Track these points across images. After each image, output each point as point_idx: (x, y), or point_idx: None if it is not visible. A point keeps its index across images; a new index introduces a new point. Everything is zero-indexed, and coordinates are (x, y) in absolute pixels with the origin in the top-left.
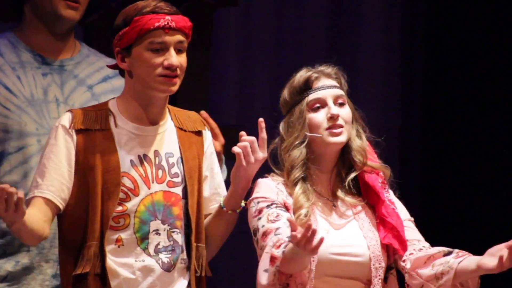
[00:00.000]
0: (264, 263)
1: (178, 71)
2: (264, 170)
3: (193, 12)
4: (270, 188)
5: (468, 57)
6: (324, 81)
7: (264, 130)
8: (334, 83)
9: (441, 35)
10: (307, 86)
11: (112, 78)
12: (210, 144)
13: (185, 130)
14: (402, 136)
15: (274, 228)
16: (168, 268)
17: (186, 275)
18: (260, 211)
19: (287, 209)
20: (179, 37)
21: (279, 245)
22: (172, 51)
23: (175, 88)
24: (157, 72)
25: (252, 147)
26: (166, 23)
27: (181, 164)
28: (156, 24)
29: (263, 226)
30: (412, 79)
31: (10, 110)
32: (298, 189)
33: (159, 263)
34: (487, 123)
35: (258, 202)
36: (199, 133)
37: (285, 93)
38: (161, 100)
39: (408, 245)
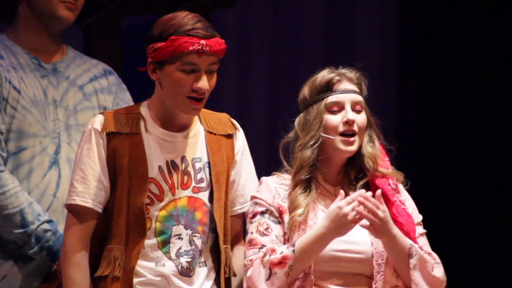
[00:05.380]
0: (262, 271)
1: (206, 94)
2: (270, 165)
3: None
4: (269, 189)
5: (464, 57)
6: (346, 85)
7: None
8: (354, 88)
9: (437, 36)
10: (328, 87)
11: (98, 78)
12: (242, 146)
13: (214, 134)
14: (397, 136)
15: (260, 243)
16: (187, 273)
17: (209, 277)
18: (254, 215)
19: (280, 214)
20: (212, 59)
21: (273, 250)
22: (203, 74)
23: (199, 112)
24: (185, 92)
25: None
26: (200, 47)
27: (208, 169)
28: (191, 48)
29: (251, 233)
30: (407, 79)
31: (17, 110)
32: (298, 189)
33: (178, 268)
34: (483, 122)
35: (256, 204)
36: (229, 136)
37: (305, 90)
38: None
39: None
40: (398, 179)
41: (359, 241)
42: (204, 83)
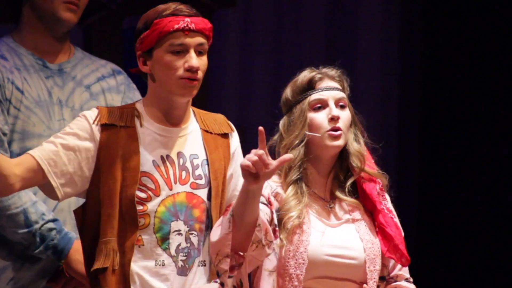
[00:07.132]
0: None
1: (199, 74)
2: None
3: None
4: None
5: (466, 58)
6: (328, 83)
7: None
8: (337, 85)
9: (439, 36)
10: (310, 86)
11: (106, 78)
12: (238, 147)
13: (211, 133)
14: (399, 136)
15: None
16: (183, 272)
17: (205, 276)
18: None
19: (269, 204)
20: (199, 39)
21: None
22: (192, 53)
23: (195, 92)
24: (178, 74)
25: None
26: (185, 25)
27: (206, 166)
28: (176, 26)
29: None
30: (410, 80)
31: (20, 111)
32: (290, 191)
33: (177, 267)
34: (485, 123)
35: None
36: (225, 136)
37: (287, 92)
38: (183, 103)
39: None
40: (382, 182)
41: (352, 246)
42: (195, 61)
